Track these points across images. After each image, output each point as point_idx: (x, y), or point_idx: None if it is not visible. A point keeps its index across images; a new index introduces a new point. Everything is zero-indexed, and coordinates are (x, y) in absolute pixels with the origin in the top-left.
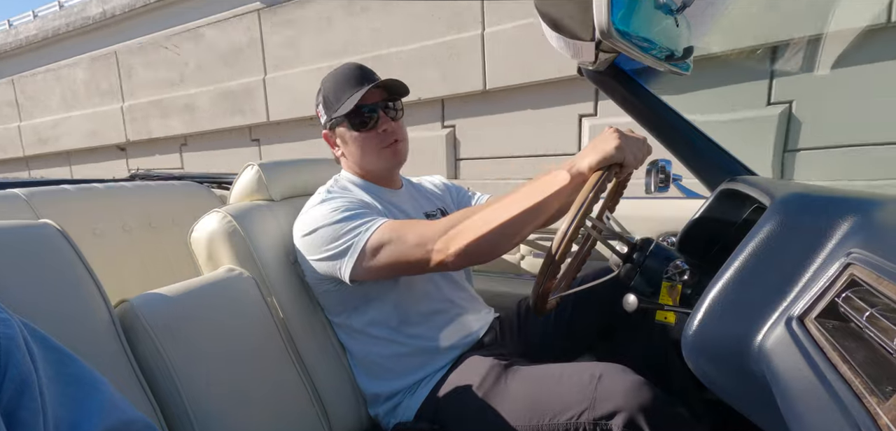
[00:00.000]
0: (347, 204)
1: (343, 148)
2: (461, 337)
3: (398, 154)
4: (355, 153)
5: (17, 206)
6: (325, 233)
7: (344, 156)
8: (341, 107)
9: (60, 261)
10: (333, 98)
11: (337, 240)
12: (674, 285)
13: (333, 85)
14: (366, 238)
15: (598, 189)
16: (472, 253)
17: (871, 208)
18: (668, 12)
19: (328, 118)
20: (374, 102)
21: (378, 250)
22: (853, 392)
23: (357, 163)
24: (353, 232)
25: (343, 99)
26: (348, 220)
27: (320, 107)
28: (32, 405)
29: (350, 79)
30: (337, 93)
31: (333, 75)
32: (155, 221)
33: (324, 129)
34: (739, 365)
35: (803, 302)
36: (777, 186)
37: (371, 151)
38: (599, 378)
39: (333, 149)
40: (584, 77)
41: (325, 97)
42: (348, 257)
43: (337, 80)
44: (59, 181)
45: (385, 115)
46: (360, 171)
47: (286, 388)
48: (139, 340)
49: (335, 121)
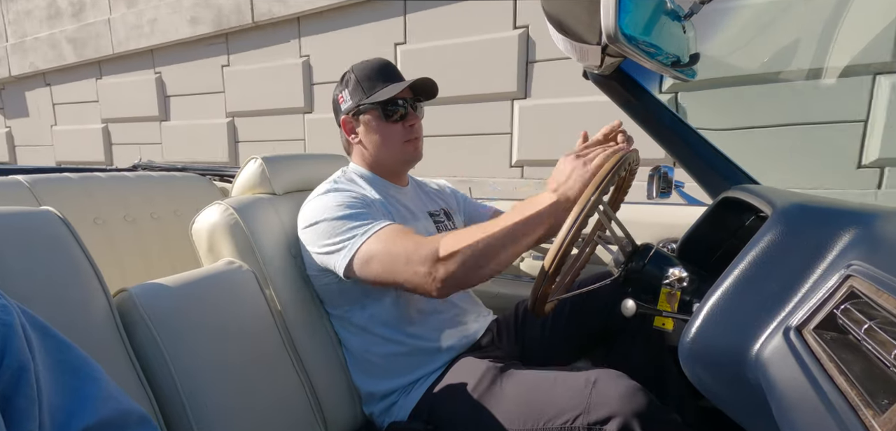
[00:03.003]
0: (351, 200)
1: (364, 136)
2: (458, 338)
3: (417, 150)
4: (376, 142)
5: (19, 193)
6: (324, 228)
7: (361, 144)
8: (376, 95)
9: (61, 249)
10: (367, 86)
11: (335, 237)
12: (673, 291)
13: (366, 74)
14: (361, 241)
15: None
16: (460, 284)
17: (872, 221)
18: (676, 19)
19: (355, 104)
20: (405, 98)
21: (370, 259)
22: (849, 405)
23: (373, 154)
24: (351, 233)
25: (378, 87)
26: (348, 219)
27: (345, 93)
28: (29, 392)
29: (382, 71)
30: (371, 82)
31: (365, 65)
32: (157, 212)
33: (343, 115)
34: (736, 374)
35: (802, 312)
36: (779, 196)
37: (395, 143)
38: (594, 383)
39: (350, 136)
40: (589, 80)
41: (356, 82)
42: (343, 255)
43: (369, 71)
44: (61, 169)
45: (413, 112)
46: (372, 163)
47: (282, 382)
48: (137, 329)
49: (365, 107)
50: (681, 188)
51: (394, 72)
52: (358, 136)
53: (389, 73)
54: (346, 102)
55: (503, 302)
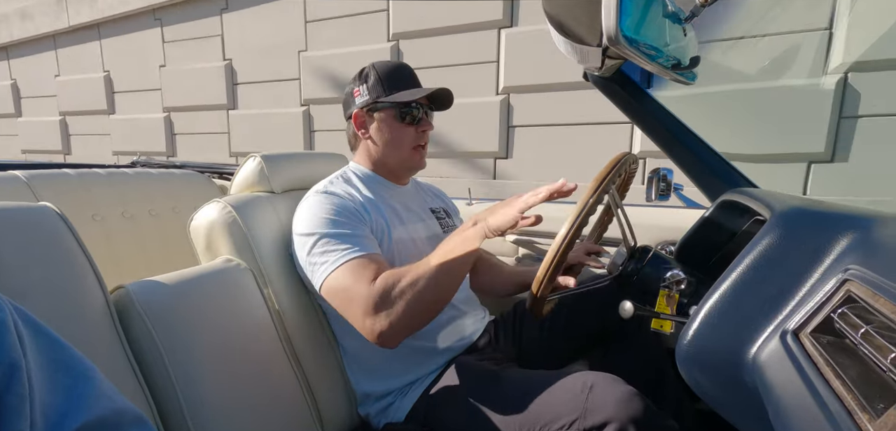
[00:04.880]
0: (337, 213)
1: (375, 132)
2: (455, 339)
3: (422, 159)
4: (387, 140)
5: (17, 188)
6: (307, 241)
7: (371, 140)
8: (397, 95)
9: (58, 244)
10: (387, 84)
11: (313, 254)
12: (671, 294)
13: (387, 72)
14: (329, 270)
15: (599, 194)
16: (404, 333)
17: (871, 225)
18: (677, 22)
19: (372, 99)
20: (422, 103)
21: (334, 293)
22: (845, 408)
23: (381, 152)
24: (324, 258)
25: (400, 87)
26: (327, 239)
27: (363, 87)
28: (20, 390)
29: (404, 75)
30: (392, 81)
31: (387, 63)
32: (155, 209)
33: (357, 108)
34: (733, 377)
35: (799, 316)
36: (777, 199)
37: (405, 146)
38: (591, 387)
39: (359, 131)
40: (590, 82)
41: (376, 79)
42: (317, 278)
43: (391, 71)
44: (60, 165)
45: (426, 119)
46: (376, 162)
47: (279, 381)
48: (133, 326)
49: (382, 104)
50: (680, 191)
51: (413, 77)
52: (368, 132)
53: (409, 78)
54: (361, 96)
55: (502, 301)
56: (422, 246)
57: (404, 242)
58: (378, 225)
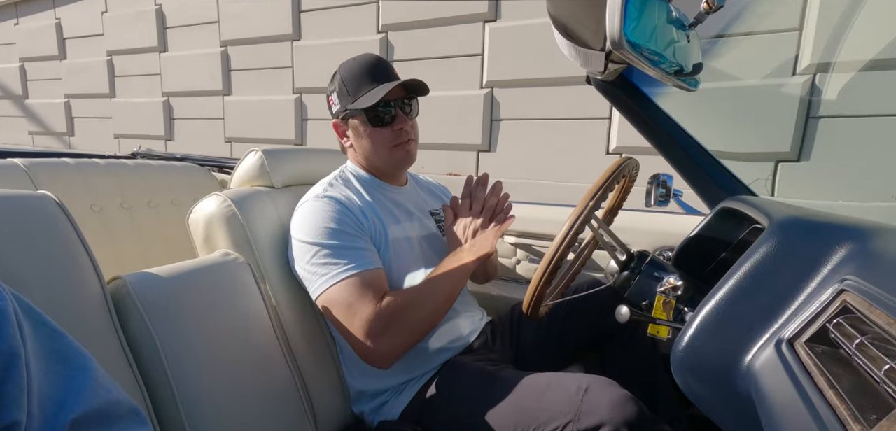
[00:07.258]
0: (338, 222)
1: (354, 140)
2: (451, 340)
3: (409, 154)
4: (366, 147)
5: (16, 176)
6: (305, 249)
7: (353, 147)
8: (360, 100)
9: (56, 233)
10: (352, 88)
11: (311, 264)
12: (667, 299)
13: (352, 75)
14: (330, 283)
15: (599, 198)
16: (401, 355)
17: (868, 236)
18: (681, 28)
19: (342, 108)
20: (392, 99)
21: (333, 304)
22: (838, 418)
23: (366, 158)
24: (324, 270)
25: (362, 91)
26: (326, 249)
27: (334, 95)
28: (18, 380)
29: (370, 71)
30: (356, 84)
31: (352, 65)
32: (154, 200)
33: (334, 118)
34: (727, 383)
35: (794, 325)
36: (776, 208)
37: (383, 148)
38: (586, 390)
39: (342, 140)
40: (593, 86)
41: (341, 85)
42: (314, 289)
43: (356, 71)
44: (59, 153)
45: (402, 114)
46: (367, 166)
47: (273, 375)
48: (130, 317)
49: (351, 112)
50: (679, 197)
51: (382, 70)
52: (349, 140)
53: (377, 73)
54: (335, 104)
55: (499, 303)
56: (418, 246)
57: (400, 242)
58: (376, 228)
